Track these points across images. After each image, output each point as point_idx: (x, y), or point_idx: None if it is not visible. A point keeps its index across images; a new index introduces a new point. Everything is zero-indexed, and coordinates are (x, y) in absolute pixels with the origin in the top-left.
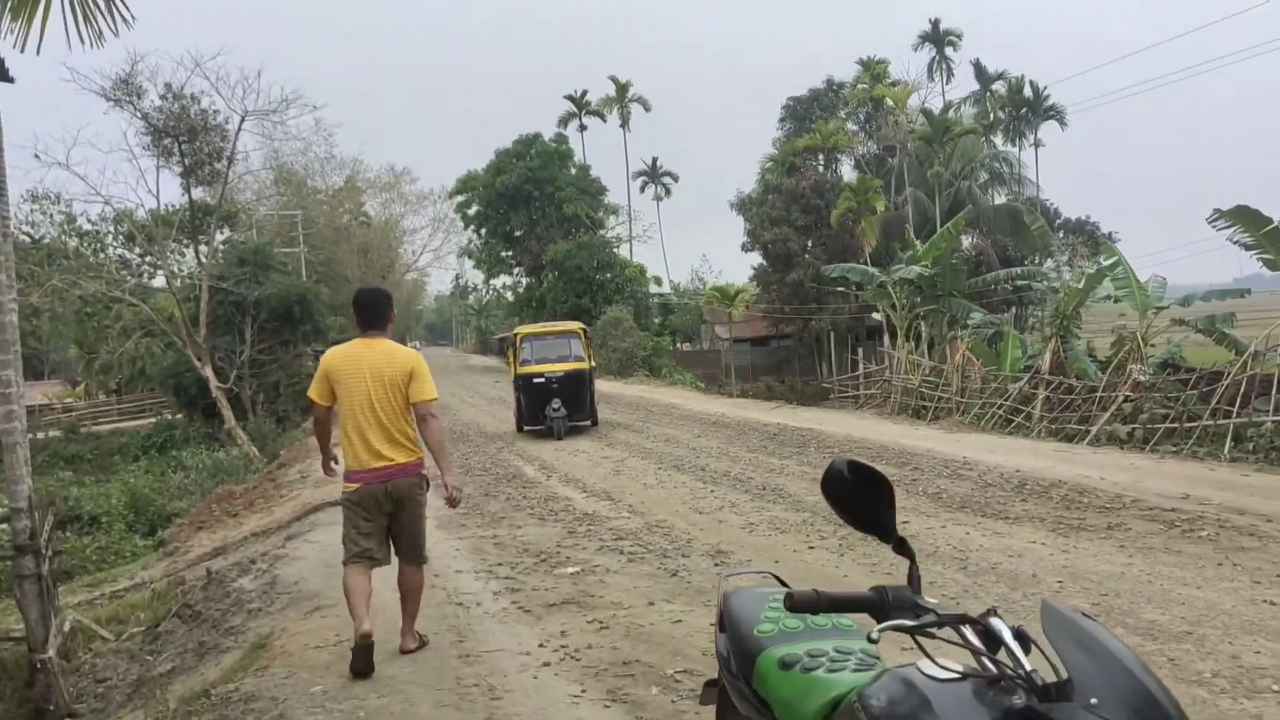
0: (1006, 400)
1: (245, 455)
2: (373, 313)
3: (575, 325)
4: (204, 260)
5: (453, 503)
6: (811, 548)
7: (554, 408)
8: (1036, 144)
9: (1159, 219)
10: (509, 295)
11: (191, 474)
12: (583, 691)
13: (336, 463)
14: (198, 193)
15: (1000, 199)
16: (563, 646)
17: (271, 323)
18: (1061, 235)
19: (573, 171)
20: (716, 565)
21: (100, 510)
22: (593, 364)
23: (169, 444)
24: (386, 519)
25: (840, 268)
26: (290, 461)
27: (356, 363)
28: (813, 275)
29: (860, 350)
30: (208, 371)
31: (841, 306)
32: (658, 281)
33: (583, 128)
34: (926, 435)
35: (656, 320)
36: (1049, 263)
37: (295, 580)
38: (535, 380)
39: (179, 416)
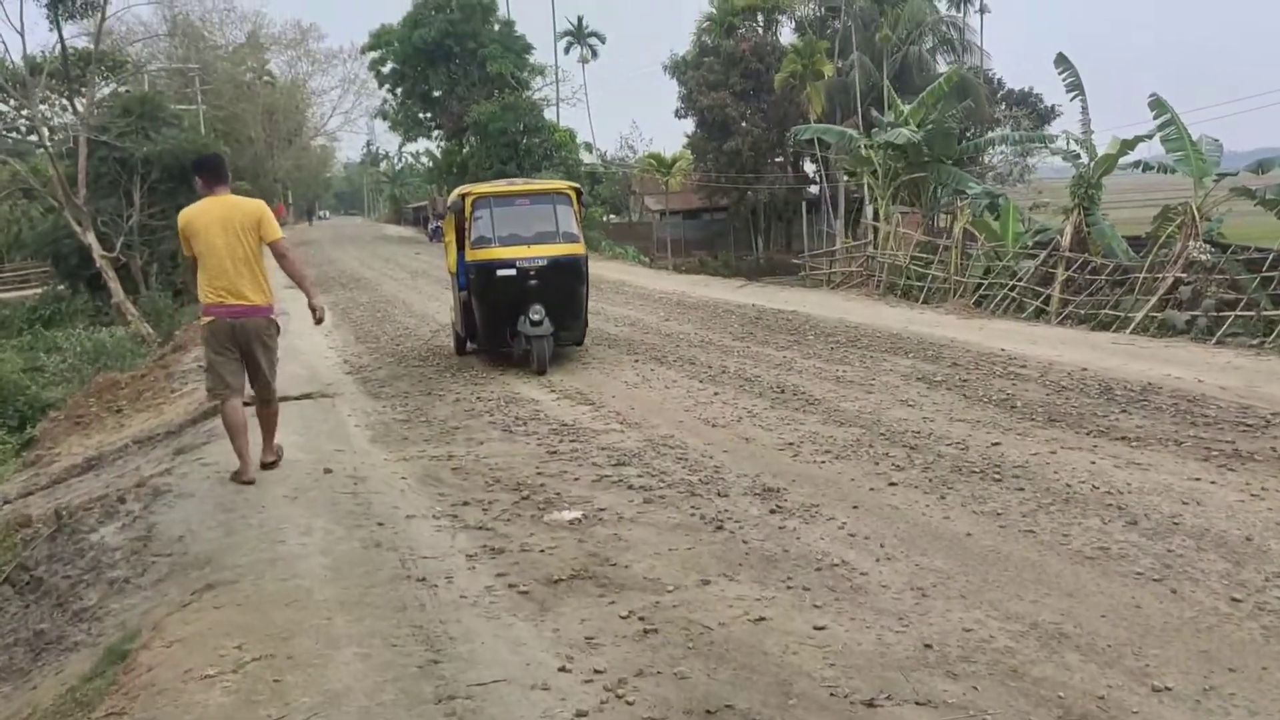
0: (1019, 281)
1: (135, 334)
2: (215, 173)
3: (563, 184)
4: (80, 109)
5: (318, 321)
6: (893, 484)
7: (532, 318)
8: (982, 9)
9: (1111, 94)
10: (426, 161)
11: (68, 357)
12: None
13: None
14: (73, 32)
15: (943, 67)
16: (596, 672)
17: (165, 184)
18: (1004, 107)
19: (496, 27)
20: (773, 512)
21: None
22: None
23: (57, 318)
24: (240, 354)
25: (814, 128)
26: (186, 344)
27: (207, 216)
28: (750, 143)
29: (806, 224)
30: (90, 238)
31: (780, 177)
32: (588, 149)
33: None
34: (936, 321)
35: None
36: (993, 133)
37: (179, 534)
38: (499, 273)
39: (63, 288)
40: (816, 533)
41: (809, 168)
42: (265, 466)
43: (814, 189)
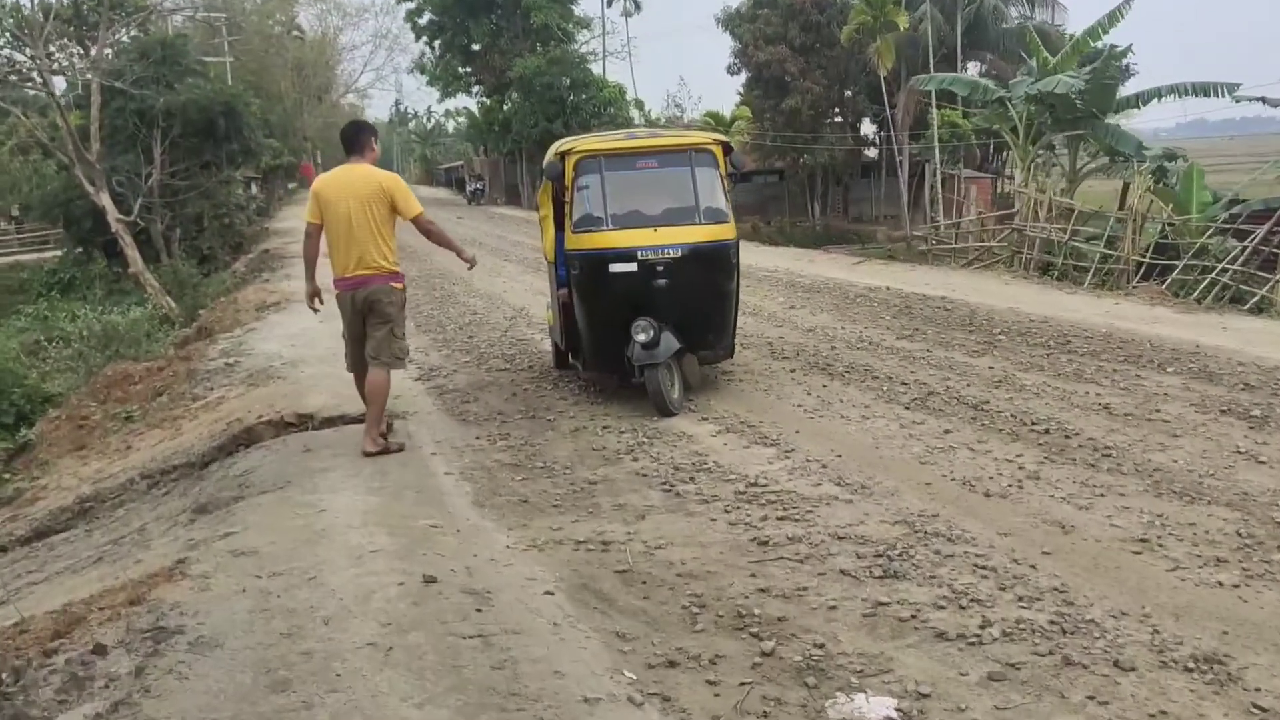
0: (1227, 262)
1: (155, 309)
2: (352, 141)
3: (705, 136)
4: (92, 54)
5: (471, 264)
6: None
7: (639, 339)
8: None
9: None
10: (460, 120)
11: (74, 344)
12: None
13: (321, 303)
14: None
15: (1009, 24)
16: None
17: (189, 139)
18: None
19: None
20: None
21: None
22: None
23: (76, 283)
24: (362, 324)
25: (940, 78)
26: (213, 328)
27: (338, 185)
28: (810, 102)
29: (874, 189)
30: (104, 199)
31: (840, 138)
32: (639, 105)
33: None
34: (1141, 314)
35: None
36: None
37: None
38: (614, 268)
39: (79, 252)
40: None
41: (867, 128)
42: (368, 456)
43: (871, 153)
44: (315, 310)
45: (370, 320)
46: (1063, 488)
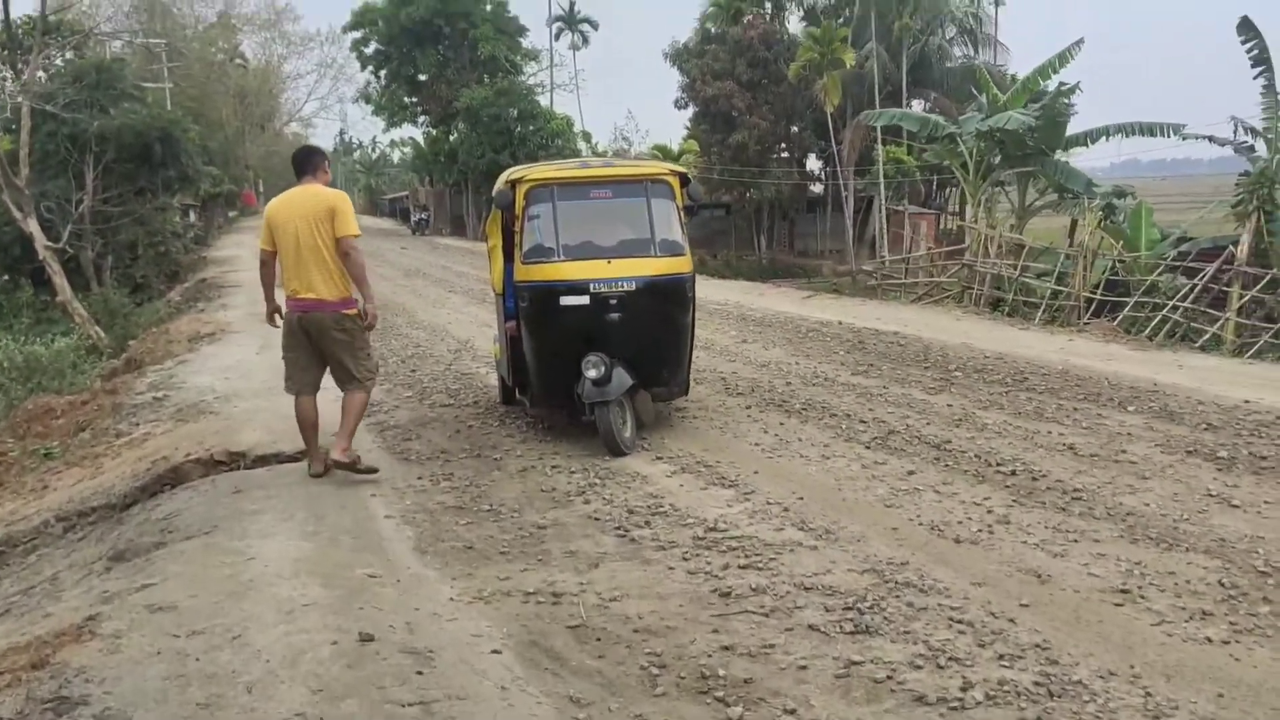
0: (1178, 300)
1: (83, 338)
2: (304, 163)
3: (660, 166)
4: (24, 77)
5: (369, 327)
6: None
7: (590, 374)
8: (997, 2)
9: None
10: (405, 150)
11: None
12: None
13: (282, 318)
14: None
15: (952, 63)
16: None
17: (124, 164)
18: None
19: (488, 7)
20: None
21: None
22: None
23: (2, 312)
24: (314, 348)
25: (890, 114)
26: (142, 359)
27: (289, 206)
28: (757, 137)
29: (819, 223)
30: (32, 225)
31: (787, 173)
32: (586, 138)
33: None
34: (1094, 351)
35: None
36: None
37: None
38: (565, 300)
39: (6, 280)
40: None
41: (813, 164)
42: (336, 465)
43: (816, 188)
44: (276, 326)
45: (324, 347)
46: (1035, 533)
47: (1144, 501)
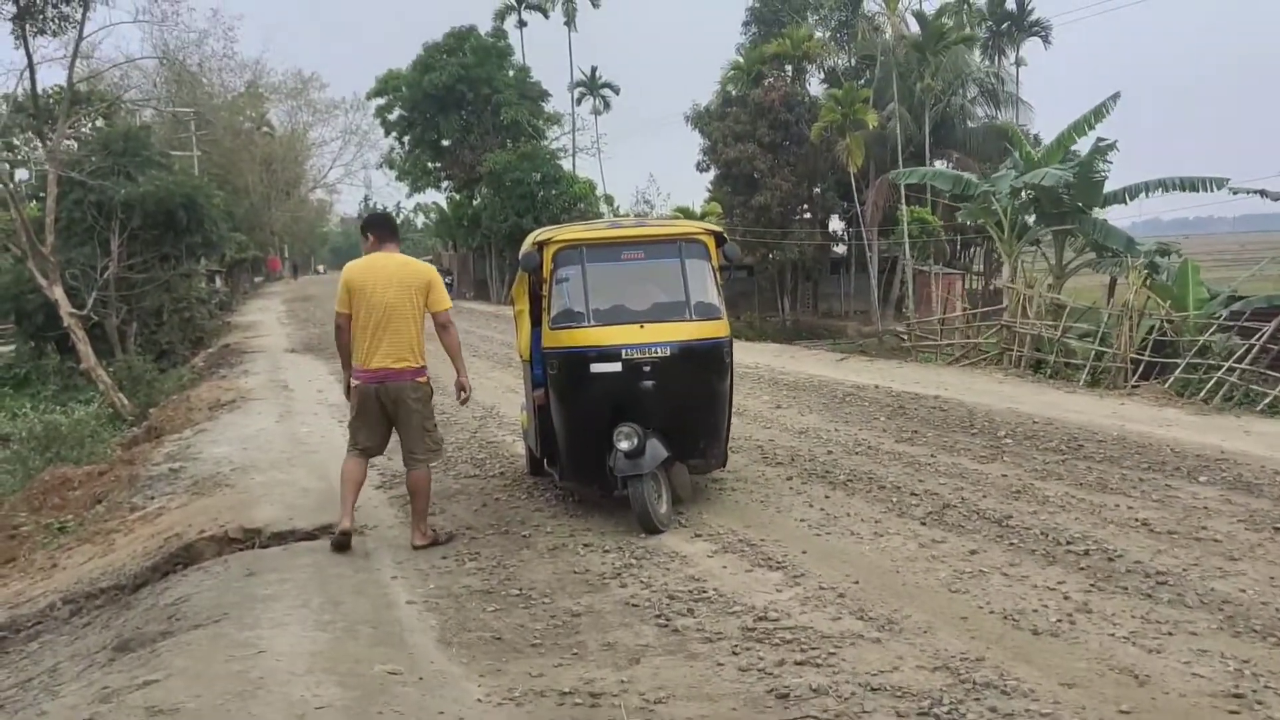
0: (1234, 361)
1: (105, 405)
2: (388, 227)
3: (694, 226)
4: (50, 142)
5: (463, 401)
6: None
7: (621, 446)
8: (1019, 63)
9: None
10: (430, 215)
11: (13, 445)
12: None
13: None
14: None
15: (974, 123)
16: None
17: (148, 231)
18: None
19: (511, 73)
20: None
21: None
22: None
23: (30, 380)
24: (386, 418)
25: (920, 171)
26: (163, 427)
27: (375, 272)
28: (779, 199)
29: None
30: (57, 292)
31: (810, 234)
32: (609, 201)
33: (522, 23)
34: (1150, 416)
35: None
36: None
37: None
38: (595, 368)
39: (32, 347)
40: None
41: (836, 224)
42: (416, 548)
43: (839, 248)
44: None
45: (399, 416)
46: (1121, 623)
47: (1238, 587)
